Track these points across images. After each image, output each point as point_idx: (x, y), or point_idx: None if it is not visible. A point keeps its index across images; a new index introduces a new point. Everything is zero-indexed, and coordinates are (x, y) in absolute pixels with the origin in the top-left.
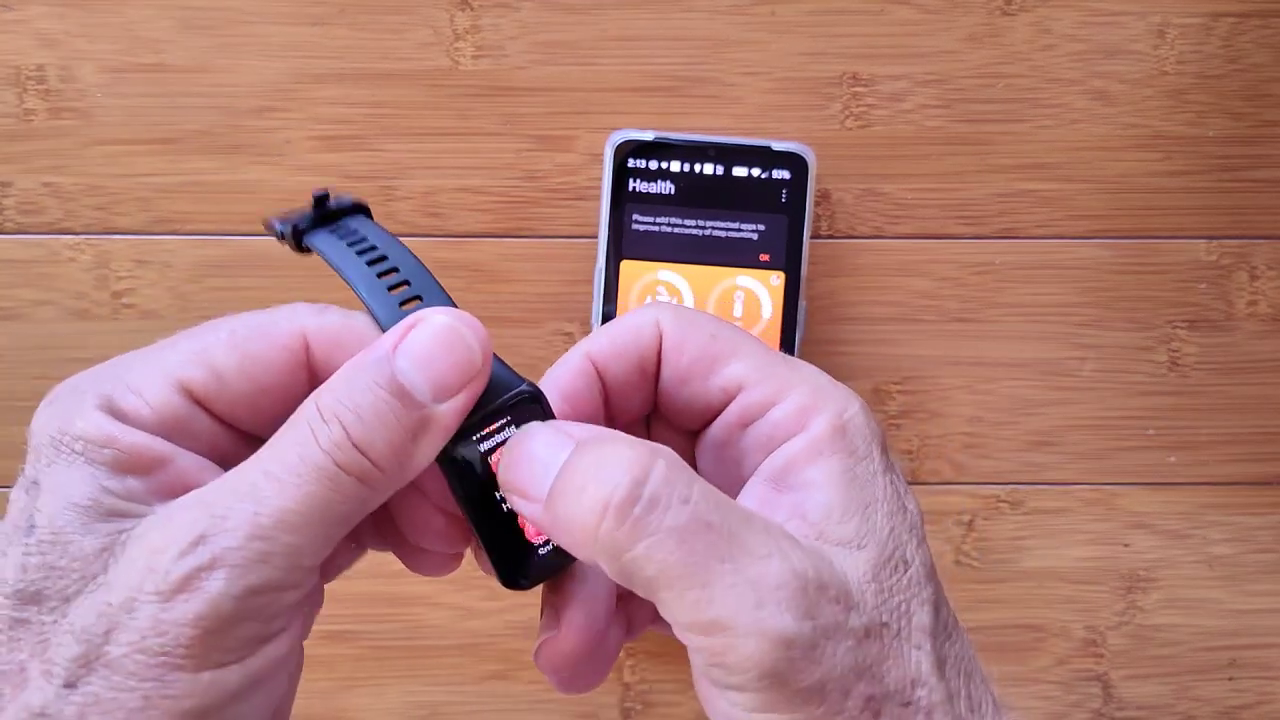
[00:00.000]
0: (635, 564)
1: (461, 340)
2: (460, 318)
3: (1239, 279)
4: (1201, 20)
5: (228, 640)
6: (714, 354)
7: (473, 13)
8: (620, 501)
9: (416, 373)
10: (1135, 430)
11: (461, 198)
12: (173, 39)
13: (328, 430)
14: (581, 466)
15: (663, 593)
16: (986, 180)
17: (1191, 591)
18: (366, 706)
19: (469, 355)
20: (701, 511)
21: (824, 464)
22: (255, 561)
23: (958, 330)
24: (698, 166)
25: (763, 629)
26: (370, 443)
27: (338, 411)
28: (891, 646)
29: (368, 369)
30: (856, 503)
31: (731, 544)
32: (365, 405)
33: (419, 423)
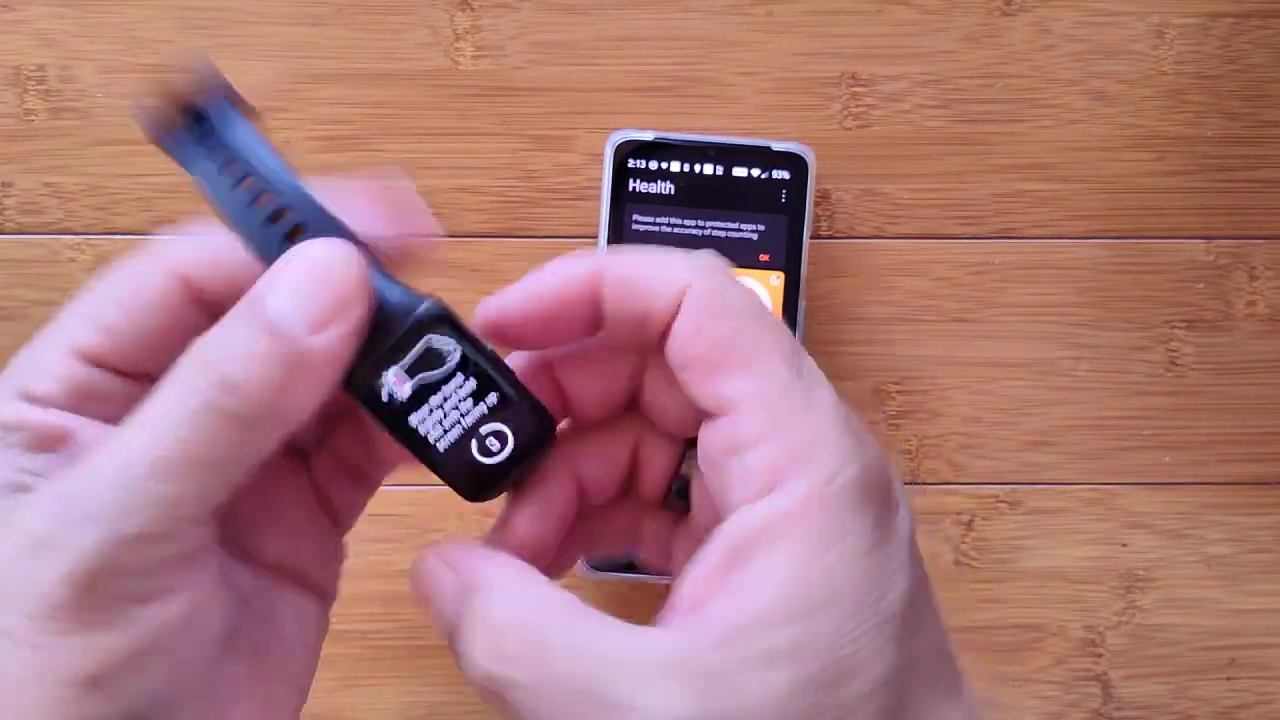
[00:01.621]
0: None
1: (333, 270)
2: (333, 246)
3: (1237, 279)
4: (1200, 20)
5: (104, 598)
6: (727, 355)
7: (472, 13)
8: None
9: (287, 306)
10: (1133, 430)
11: (460, 198)
12: (173, 39)
13: (199, 373)
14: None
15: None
16: (985, 180)
17: (1190, 591)
18: (366, 706)
19: (342, 284)
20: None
21: (780, 550)
22: (124, 512)
23: (956, 330)
24: (697, 166)
25: None
26: (242, 380)
27: (207, 354)
28: None
29: (240, 309)
30: (797, 608)
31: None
32: (235, 343)
33: (294, 357)
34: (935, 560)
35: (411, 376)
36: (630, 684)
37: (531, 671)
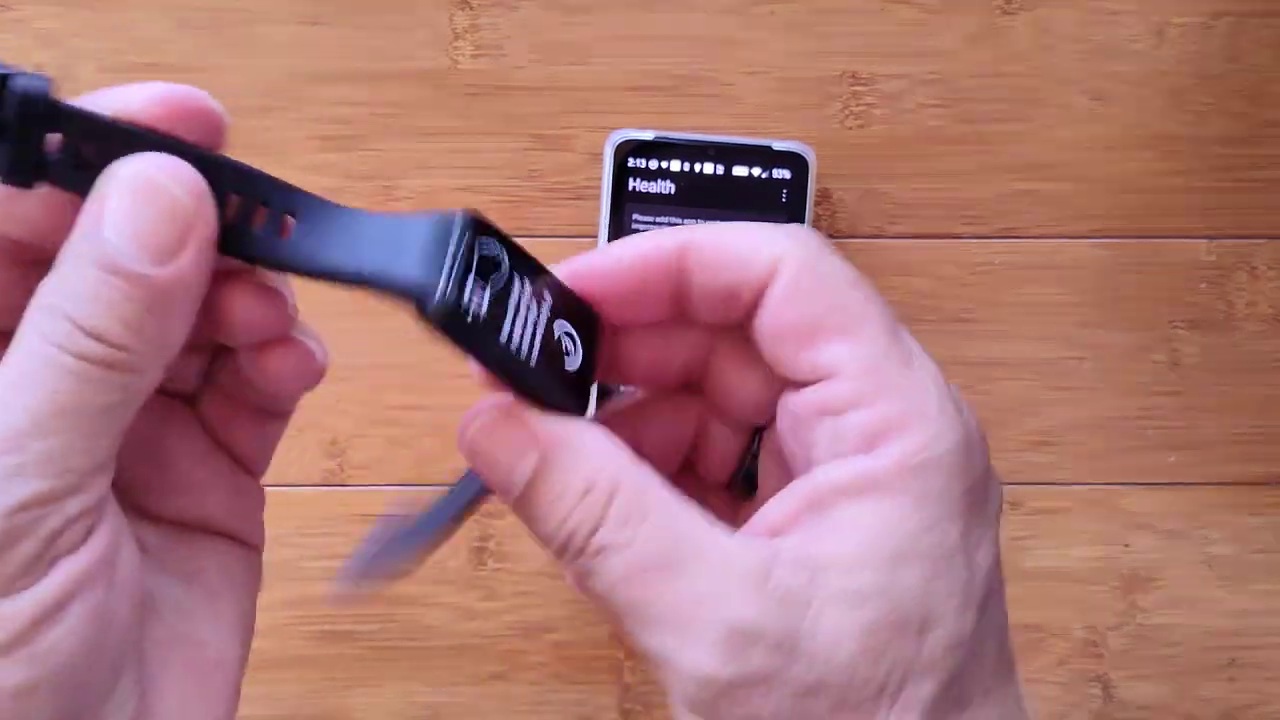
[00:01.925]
0: (591, 589)
1: (159, 189)
2: (152, 162)
3: (1239, 279)
4: (1202, 20)
5: (8, 565)
6: (825, 323)
7: (472, 12)
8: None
9: (124, 241)
10: (1136, 430)
11: (461, 197)
12: (172, 38)
13: (54, 324)
14: (548, 484)
15: (615, 611)
16: (987, 180)
17: (1192, 591)
18: (366, 706)
19: (174, 203)
20: (651, 549)
21: (867, 505)
22: (12, 475)
23: (958, 330)
24: (698, 166)
25: (686, 669)
26: (104, 327)
27: (58, 303)
28: (861, 707)
29: (78, 251)
30: (884, 555)
31: (669, 584)
32: (84, 290)
33: (151, 293)
34: None
35: (486, 286)
36: (713, 581)
37: (625, 535)
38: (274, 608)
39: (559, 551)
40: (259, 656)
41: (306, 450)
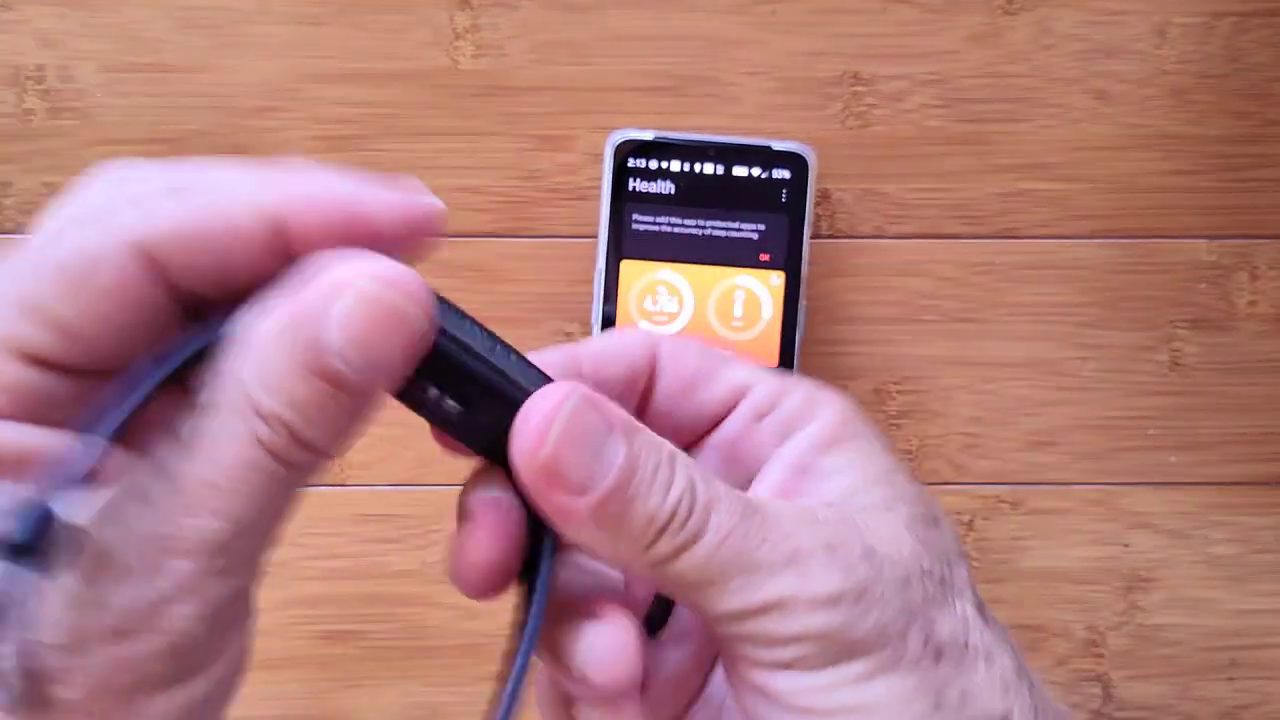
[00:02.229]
0: (678, 571)
1: (402, 314)
2: (390, 283)
3: (1240, 279)
4: (1203, 19)
5: (196, 658)
6: (713, 364)
7: (472, 12)
8: (669, 518)
9: (356, 356)
10: (1136, 430)
11: (461, 197)
12: (172, 39)
13: (270, 431)
14: (638, 477)
15: (706, 590)
16: (987, 180)
17: (1192, 591)
18: (366, 706)
19: (413, 329)
20: (733, 509)
21: (840, 451)
22: (217, 577)
23: (958, 330)
24: (698, 166)
25: (810, 594)
26: (317, 437)
27: (276, 411)
28: (936, 593)
29: (298, 351)
30: (879, 472)
31: (763, 529)
32: (306, 399)
33: (367, 403)
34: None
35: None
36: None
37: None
38: (275, 608)
39: (658, 533)
40: (260, 656)
41: None
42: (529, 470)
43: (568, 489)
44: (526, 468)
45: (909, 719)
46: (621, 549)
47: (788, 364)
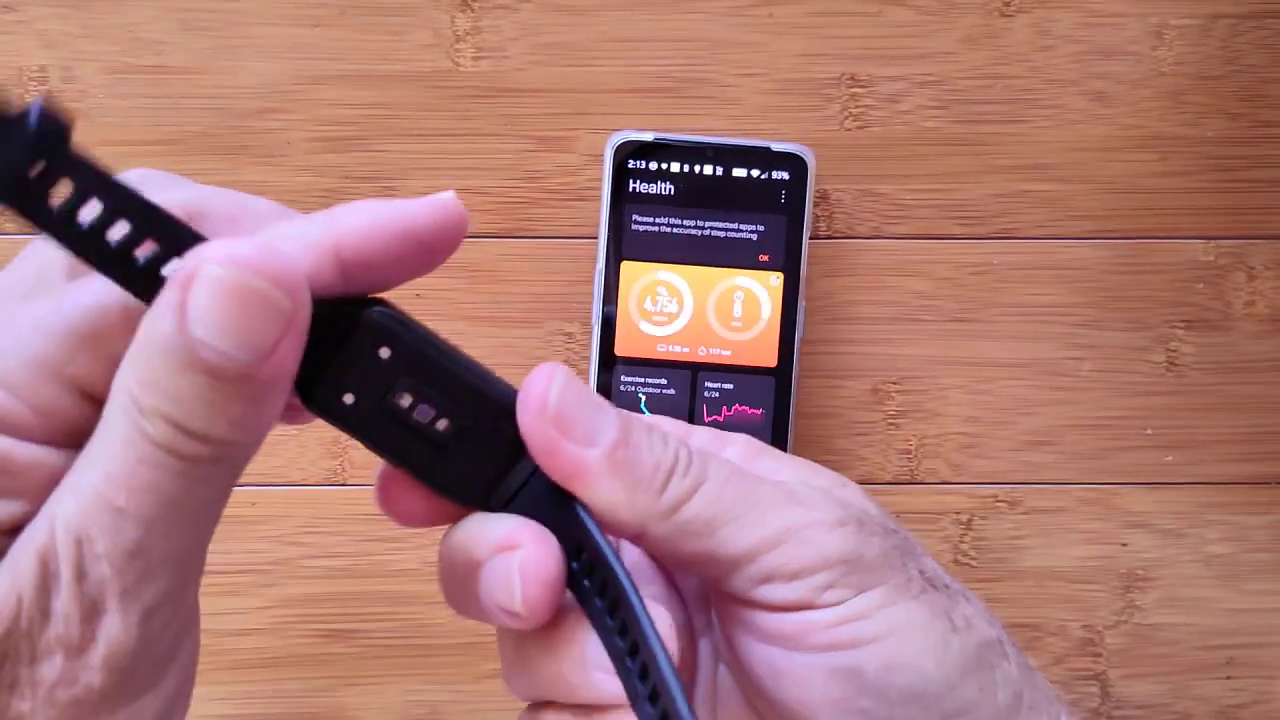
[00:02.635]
0: (693, 511)
1: (253, 291)
2: (240, 263)
3: (1236, 279)
4: (1199, 21)
5: (139, 670)
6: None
7: (473, 14)
8: (673, 463)
9: (221, 341)
10: (1133, 430)
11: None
12: (174, 40)
13: (157, 428)
14: (637, 432)
15: (722, 530)
16: (984, 181)
17: (1189, 591)
18: (366, 705)
19: (273, 304)
20: (723, 462)
21: (767, 458)
22: (142, 580)
23: (956, 330)
24: (697, 167)
25: (823, 520)
26: (209, 427)
27: (159, 407)
28: (906, 545)
29: (166, 351)
30: (812, 467)
31: (756, 477)
32: (184, 392)
33: (253, 389)
34: (935, 559)
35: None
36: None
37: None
38: (276, 606)
39: (667, 476)
40: (260, 654)
41: (308, 449)
42: (541, 427)
43: (579, 440)
44: (538, 426)
45: (935, 639)
46: (638, 498)
47: (787, 364)
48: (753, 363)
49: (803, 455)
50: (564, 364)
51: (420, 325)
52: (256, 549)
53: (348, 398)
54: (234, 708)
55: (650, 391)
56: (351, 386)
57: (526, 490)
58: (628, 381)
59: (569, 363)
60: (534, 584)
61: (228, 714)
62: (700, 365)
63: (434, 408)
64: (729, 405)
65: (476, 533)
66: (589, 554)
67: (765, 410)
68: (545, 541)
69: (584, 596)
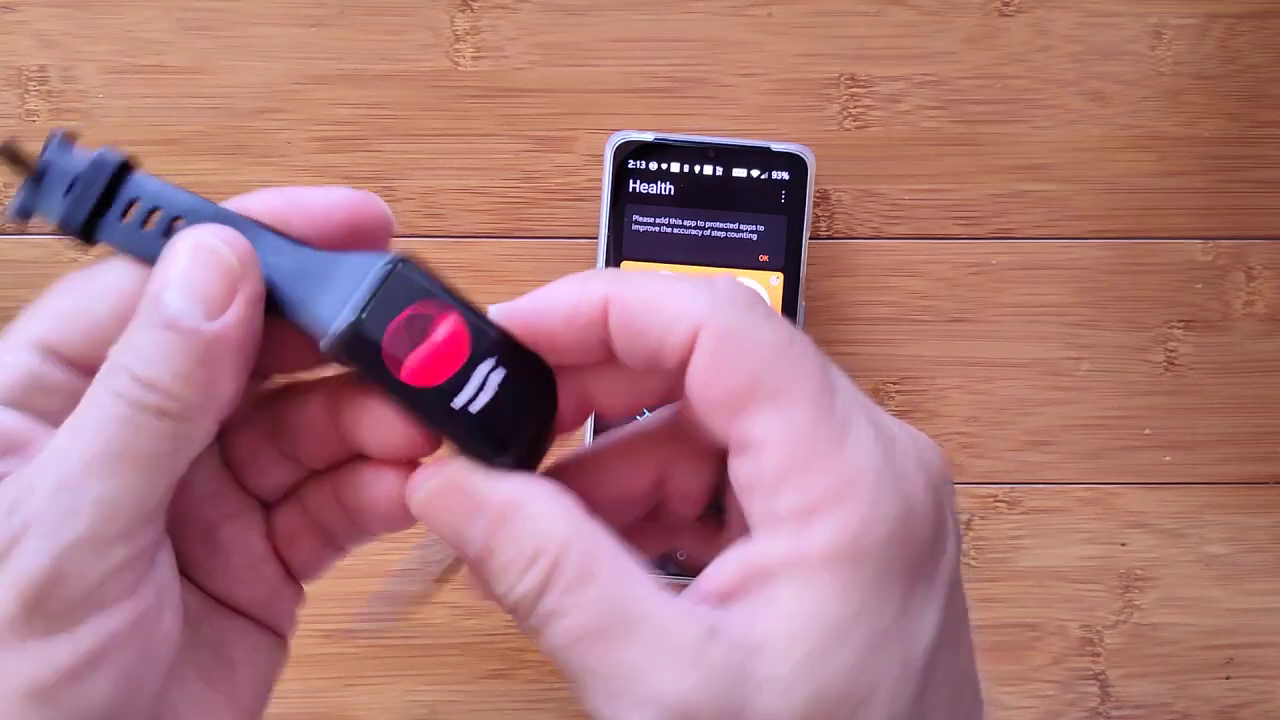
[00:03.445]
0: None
1: (211, 251)
2: (206, 230)
3: (1235, 279)
4: (1198, 21)
5: (51, 605)
6: (748, 397)
7: (472, 14)
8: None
9: (178, 296)
10: (1132, 430)
11: (461, 198)
12: (173, 40)
13: (113, 376)
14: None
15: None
16: (984, 181)
17: (1188, 590)
18: (366, 705)
19: (224, 262)
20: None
21: (798, 588)
22: (65, 515)
23: (955, 330)
24: (697, 167)
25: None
26: (156, 376)
27: (120, 358)
28: None
29: (141, 310)
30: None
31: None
32: (143, 343)
33: (201, 346)
34: None
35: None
36: (650, 653)
37: (569, 601)
38: None
39: (510, 613)
40: None
41: None
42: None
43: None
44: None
45: None
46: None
47: None
48: None
49: None
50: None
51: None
52: None
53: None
54: None
55: None
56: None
57: None
58: None
59: None
60: None
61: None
62: None
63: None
64: None
65: None
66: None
67: None
68: None
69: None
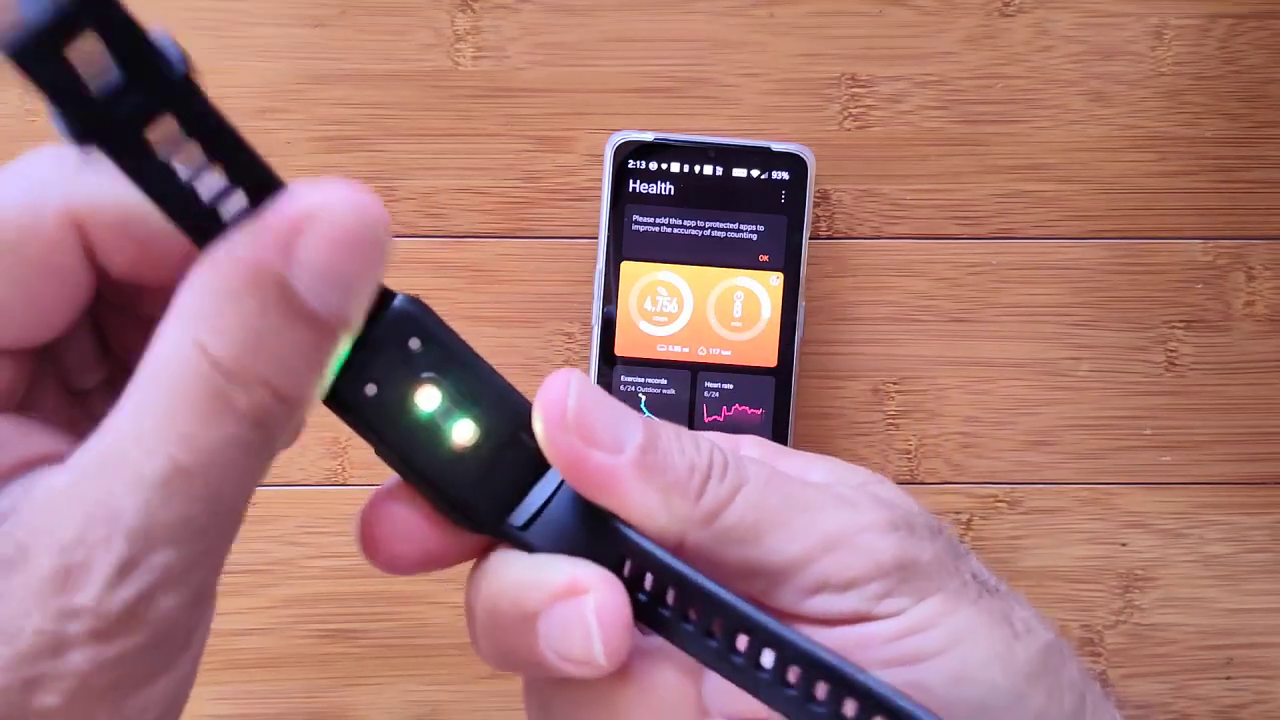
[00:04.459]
0: (735, 516)
1: (372, 237)
2: (357, 205)
3: (1235, 279)
4: (1199, 22)
5: (175, 646)
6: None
7: (473, 14)
8: (709, 465)
9: (329, 292)
10: (1132, 430)
11: (462, 198)
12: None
13: (249, 397)
14: (665, 435)
15: (768, 536)
16: (984, 181)
17: (1188, 591)
18: (367, 705)
19: (380, 253)
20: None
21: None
22: (194, 566)
23: (955, 330)
24: (697, 167)
25: (875, 523)
26: (300, 391)
27: (257, 370)
28: (957, 549)
29: (266, 304)
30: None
31: (796, 480)
32: (289, 351)
33: (333, 348)
34: None
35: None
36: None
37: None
38: (276, 606)
39: (704, 479)
40: (261, 654)
41: (308, 449)
42: (563, 436)
43: (604, 446)
44: (559, 435)
45: (999, 646)
46: (674, 504)
47: (787, 364)
48: (753, 363)
49: None
50: (576, 369)
51: (442, 319)
52: (257, 549)
53: (369, 389)
54: (234, 707)
55: (650, 391)
56: (375, 377)
57: (549, 511)
58: (628, 382)
59: (569, 363)
60: (614, 629)
61: (228, 714)
62: (700, 365)
63: (459, 409)
64: (729, 405)
65: (527, 577)
66: (656, 576)
67: (765, 410)
68: (613, 582)
69: (667, 626)
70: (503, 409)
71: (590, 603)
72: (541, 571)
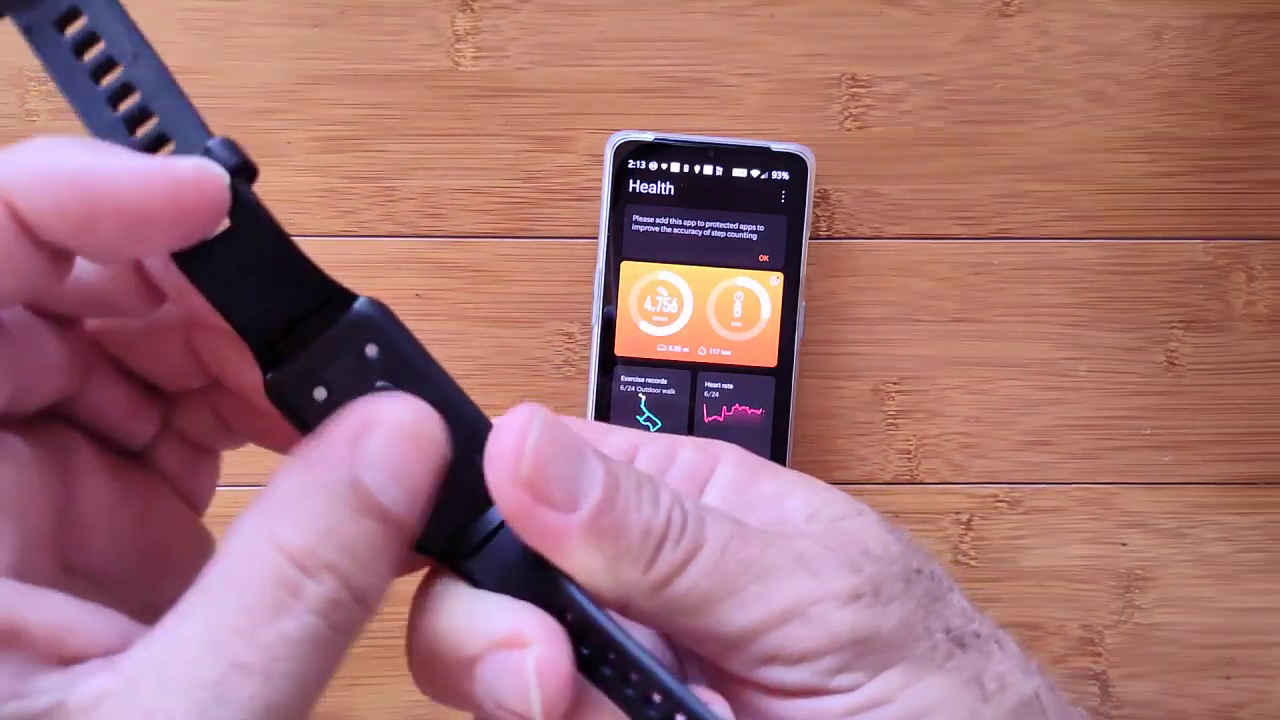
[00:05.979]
0: (687, 584)
1: (431, 439)
2: (417, 410)
3: (1235, 279)
4: (1197, 23)
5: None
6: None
7: (473, 14)
8: (665, 528)
9: (395, 488)
10: (1131, 430)
11: (462, 198)
12: (174, 40)
13: (319, 586)
14: (625, 490)
15: (719, 607)
16: (984, 181)
17: (1188, 590)
18: (367, 705)
19: (440, 452)
20: (723, 520)
21: (768, 478)
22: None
23: (955, 330)
24: (697, 167)
25: (835, 592)
26: (371, 587)
27: (326, 559)
28: (933, 588)
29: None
30: (820, 487)
31: (761, 537)
32: (358, 542)
33: (400, 544)
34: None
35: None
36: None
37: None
38: None
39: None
40: None
41: None
42: (511, 490)
43: (556, 504)
44: (508, 490)
45: (964, 714)
46: (624, 570)
47: (787, 364)
48: (753, 363)
49: (802, 455)
50: (541, 405)
51: (406, 327)
52: None
53: (319, 392)
54: None
55: (650, 392)
56: (326, 381)
57: (497, 542)
58: (628, 382)
59: (569, 363)
60: (554, 685)
61: None
62: (700, 365)
63: None
64: (729, 405)
65: (464, 623)
66: (595, 638)
67: (765, 410)
68: (556, 635)
69: (606, 685)
70: (458, 429)
71: (531, 657)
72: (484, 618)
